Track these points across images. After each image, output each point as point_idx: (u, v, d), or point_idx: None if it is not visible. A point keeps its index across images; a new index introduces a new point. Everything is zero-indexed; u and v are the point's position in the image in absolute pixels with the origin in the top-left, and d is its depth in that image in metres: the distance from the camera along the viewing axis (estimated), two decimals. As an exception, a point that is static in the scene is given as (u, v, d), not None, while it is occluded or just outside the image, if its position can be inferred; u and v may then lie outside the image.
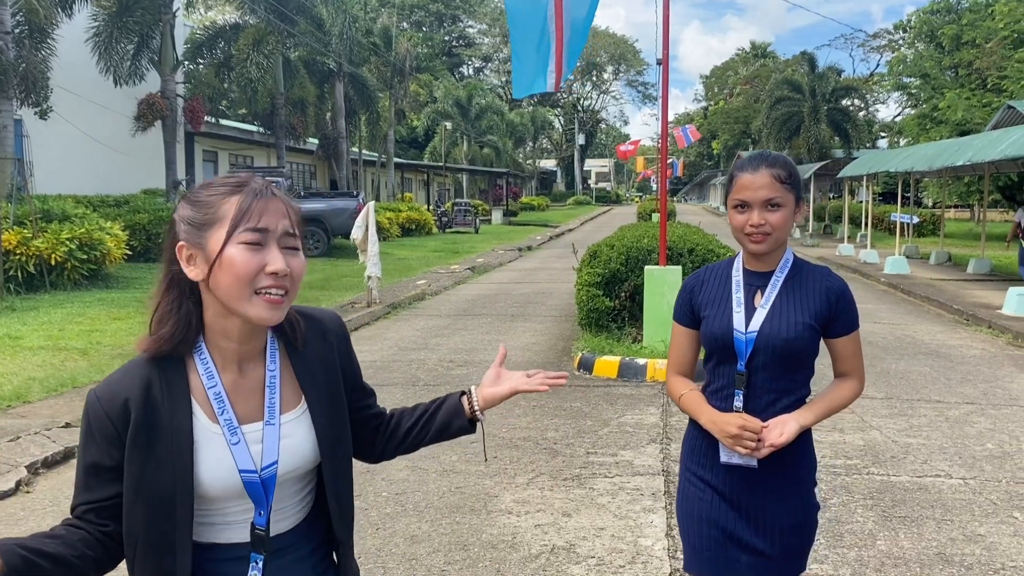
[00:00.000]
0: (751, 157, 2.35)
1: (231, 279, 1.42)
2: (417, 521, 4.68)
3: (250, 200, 1.45)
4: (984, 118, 25.84)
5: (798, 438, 2.25)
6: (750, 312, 2.30)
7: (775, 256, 2.33)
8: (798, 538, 2.31)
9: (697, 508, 2.37)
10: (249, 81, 23.90)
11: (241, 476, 1.47)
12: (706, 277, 2.44)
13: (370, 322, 11.94)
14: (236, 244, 1.42)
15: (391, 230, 28.13)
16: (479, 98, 52.89)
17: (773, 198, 2.24)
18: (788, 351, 2.25)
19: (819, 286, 2.29)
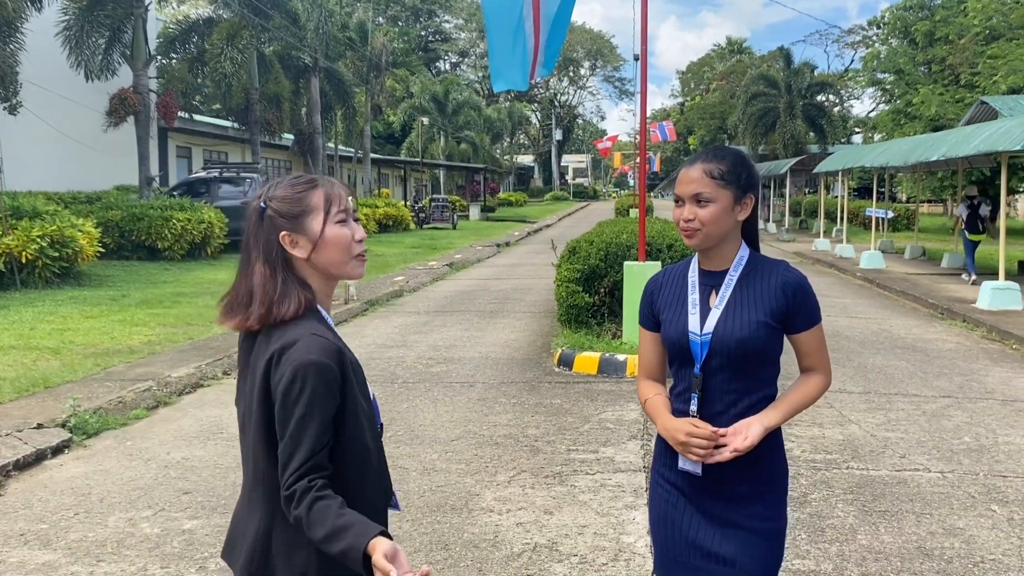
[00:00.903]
0: (697, 153, 2.35)
1: (336, 250, 1.83)
2: (398, 521, 4.63)
3: (331, 190, 1.86)
4: (957, 114, 26.09)
5: (766, 443, 2.21)
6: (705, 313, 2.26)
7: (727, 254, 2.29)
8: (769, 543, 2.24)
9: (663, 510, 2.34)
10: (223, 76, 23.62)
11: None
12: (664, 280, 2.41)
13: (348, 319, 11.85)
14: (332, 224, 1.83)
15: (368, 226, 27.97)
16: (456, 93, 52.75)
17: (701, 193, 2.22)
18: (744, 351, 2.20)
19: (775, 282, 2.23)
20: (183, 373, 8.04)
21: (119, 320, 10.97)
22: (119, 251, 17.73)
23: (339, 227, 1.84)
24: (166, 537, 4.43)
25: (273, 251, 1.82)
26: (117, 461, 5.73)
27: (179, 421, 6.75)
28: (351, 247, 1.85)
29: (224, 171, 22.37)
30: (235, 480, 5.29)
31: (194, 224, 18.14)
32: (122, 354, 8.87)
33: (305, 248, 1.82)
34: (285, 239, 1.82)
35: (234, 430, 6.47)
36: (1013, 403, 7.27)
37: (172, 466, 5.62)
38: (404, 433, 6.31)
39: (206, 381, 8.06)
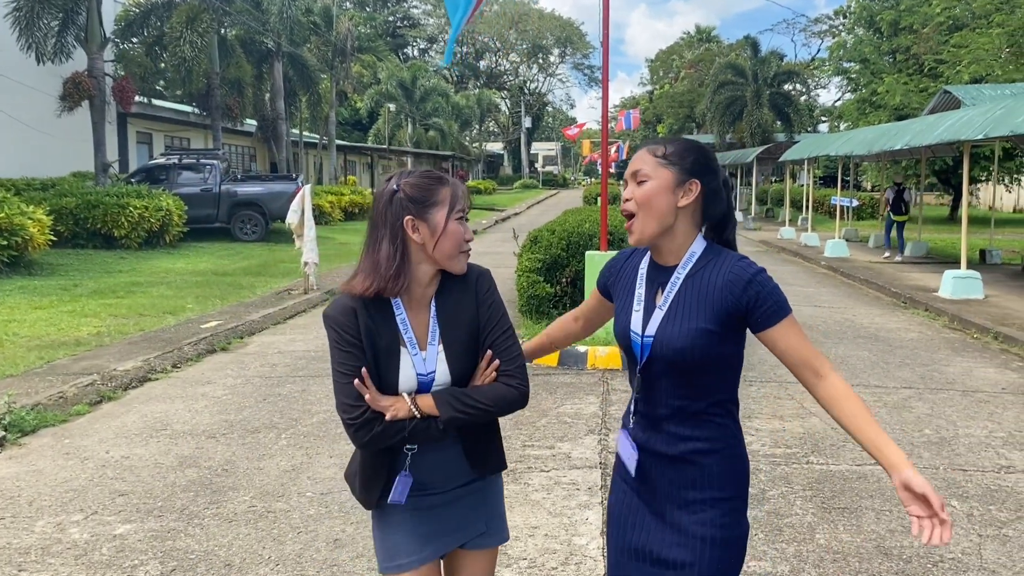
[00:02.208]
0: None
1: (451, 244, 2.07)
2: (341, 523, 4.44)
3: (456, 190, 2.11)
4: (921, 103, 26.25)
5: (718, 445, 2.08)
6: (649, 312, 2.10)
7: (677, 249, 2.12)
8: (723, 551, 2.07)
9: (619, 512, 2.22)
10: (183, 60, 23.09)
11: (418, 378, 2.11)
12: (623, 266, 2.28)
13: (306, 309, 11.59)
14: (453, 220, 2.08)
15: (333, 214, 27.60)
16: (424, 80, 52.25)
17: (639, 171, 2.10)
18: (683, 361, 2.02)
19: (720, 280, 2.03)
20: (130, 366, 7.77)
21: (68, 311, 10.63)
22: (73, 239, 17.25)
23: (457, 223, 2.08)
24: (95, 543, 4.20)
25: (398, 234, 2.07)
26: (52, 461, 5.48)
27: (122, 417, 6.50)
28: (461, 243, 2.09)
29: (184, 157, 21.88)
30: (175, 480, 5.08)
31: (152, 212, 17.70)
32: (68, 346, 8.56)
33: (424, 235, 2.06)
34: (409, 223, 2.06)
35: (179, 427, 6.26)
36: (973, 394, 7.23)
37: (110, 465, 5.38)
38: (355, 429, 6.11)
39: (154, 375, 7.80)
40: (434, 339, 2.14)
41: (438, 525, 2.22)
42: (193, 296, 12.04)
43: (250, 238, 20.97)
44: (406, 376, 2.10)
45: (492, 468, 2.27)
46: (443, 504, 2.23)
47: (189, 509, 4.64)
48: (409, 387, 2.10)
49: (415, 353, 2.11)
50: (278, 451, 5.64)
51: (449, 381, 2.14)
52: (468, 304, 2.18)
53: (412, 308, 2.15)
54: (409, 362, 2.11)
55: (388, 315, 2.11)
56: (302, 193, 12.50)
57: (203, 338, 9.04)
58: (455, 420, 2.09)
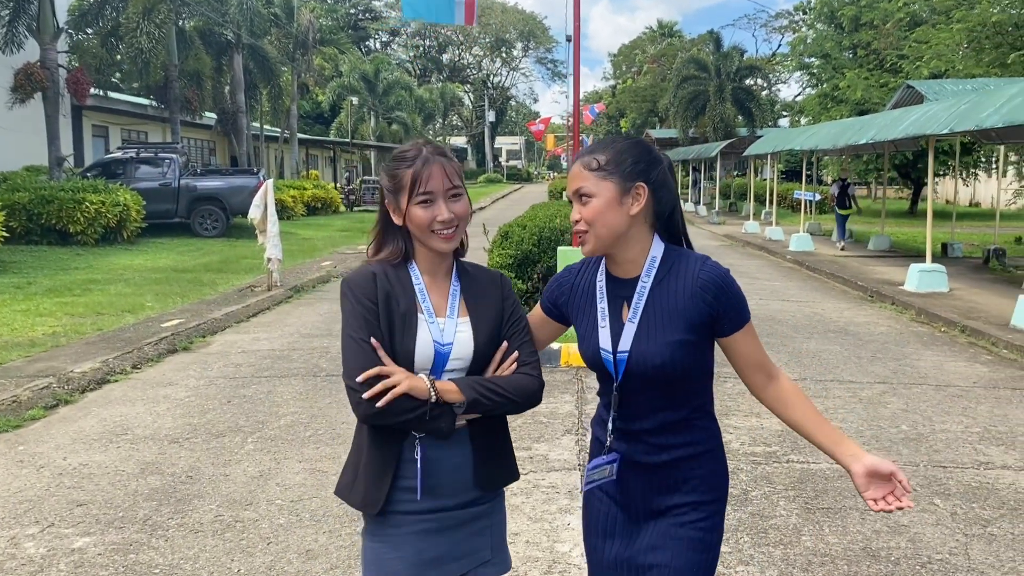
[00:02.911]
0: (586, 147, 2.10)
1: (416, 227, 2.05)
2: (314, 533, 4.26)
3: (419, 171, 2.02)
4: (882, 97, 26.53)
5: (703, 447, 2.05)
6: (617, 328, 2.01)
7: (634, 257, 2.02)
8: (700, 555, 2.03)
9: (597, 523, 2.15)
10: (140, 52, 22.57)
11: (434, 345, 2.03)
12: (576, 281, 2.15)
13: (270, 307, 11.33)
14: (415, 204, 2.02)
15: (295, 209, 27.17)
16: (387, 73, 51.72)
17: (580, 188, 2.01)
18: (663, 375, 1.97)
19: (692, 287, 1.97)
20: (88, 368, 7.48)
21: (22, 310, 10.27)
22: (27, 236, 16.74)
23: (419, 208, 2.02)
24: (52, 558, 3.98)
25: (383, 212, 2.13)
26: (5, 469, 5.22)
27: (80, 422, 6.24)
28: (429, 226, 2.02)
29: (142, 151, 21.37)
30: (136, 488, 4.86)
31: (109, 207, 17.23)
32: (22, 347, 8.24)
33: (399, 218, 2.08)
34: (389, 206, 2.11)
35: (139, 431, 6.02)
36: (946, 388, 7.23)
37: (67, 474, 5.14)
38: (325, 432, 5.92)
39: (113, 376, 7.52)
40: (453, 312, 2.09)
41: (443, 550, 2.06)
42: (153, 294, 11.71)
43: (210, 234, 20.55)
44: (423, 343, 2.03)
45: (503, 478, 2.15)
46: (448, 527, 2.07)
47: (152, 519, 4.43)
48: (426, 355, 2.02)
49: (432, 321, 2.05)
50: (244, 456, 5.43)
51: (470, 355, 2.06)
52: (494, 294, 2.16)
53: (429, 277, 2.12)
54: (426, 329, 2.04)
55: (407, 282, 2.10)
56: (265, 188, 12.23)
57: (164, 337, 8.76)
58: (477, 404, 2.00)
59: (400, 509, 2.02)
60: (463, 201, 2.08)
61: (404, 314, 2.04)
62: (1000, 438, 5.84)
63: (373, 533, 2.08)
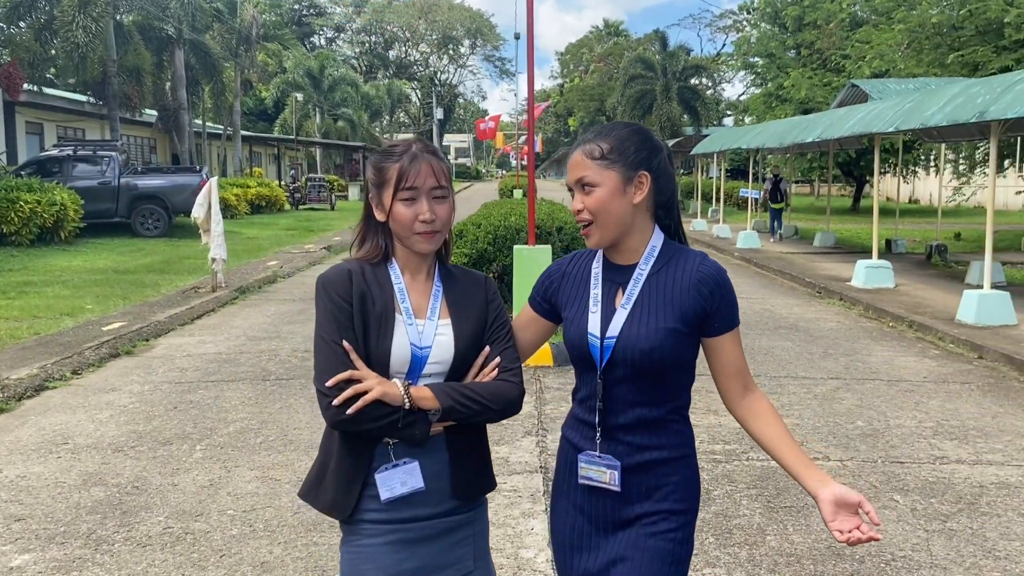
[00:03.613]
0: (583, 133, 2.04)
1: (397, 225, 1.97)
2: (268, 544, 4.10)
3: (406, 167, 1.95)
4: (825, 96, 27.03)
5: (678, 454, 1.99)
6: (608, 314, 1.95)
7: (636, 245, 1.98)
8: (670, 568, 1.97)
9: (566, 536, 2.08)
10: (76, 46, 21.90)
11: (411, 348, 1.95)
12: (567, 270, 2.10)
13: (215, 309, 11.03)
14: (398, 201, 1.95)
15: (239, 207, 26.64)
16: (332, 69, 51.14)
17: (583, 177, 1.95)
18: (651, 362, 1.91)
19: (689, 278, 1.94)
20: (24, 374, 7.17)
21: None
22: (-42, 236, 16.09)
23: (402, 205, 1.95)
24: (-12, 579, 3.76)
25: (366, 208, 2.06)
26: (-64, 484, 4.94)
27: (17, 431, 5.95)
28: (411, 225, 1.95)
29: (79, 149, 20.70)
30: (79, 501, 4.63)
31: (45, 206, 16.64)
32: (-48, 354, 7.87)
33: (382, 214, 2.01)
34: (373, 201, 2.03)
35: (81, 440, 5.76)
36: (898, 383, 7.32)
37: (4, 487, 4.88)
38: (276, 438, 5.74)
39: (52, 383, 7.21)
40: (434, 313, 2.01)
41: (424, 561, 1.96)
42: (92, 296, 11.32)
43: (152, 233, 20.01)
44: (399, 345, 1.94)
45: (480, 487, 2.07)
46: (427, 537, 1.97)
47: (97, 533, 4.22)
48: (402, 358, 1.94)
49: (410, 322, 1.97)
50: (193, 464, 5.23)
51: (450, 359, 1.98)
52: (478, 296, 2.08)
53: (410, 276, 2.05)
54: (404, 331, 1.96)
55: (386, 281, 2.02)
56: (208, 186, 11.91)
57: (105, 341, 8.45)
58: (453, 411, 1.91)
59: (372, 518, 1.95)
60: (447, 203, 2.01)
61: (380, 314, 1.96)
62: (953, 432, 5.91)
63: (349, 543, 1.98)
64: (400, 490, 1.91)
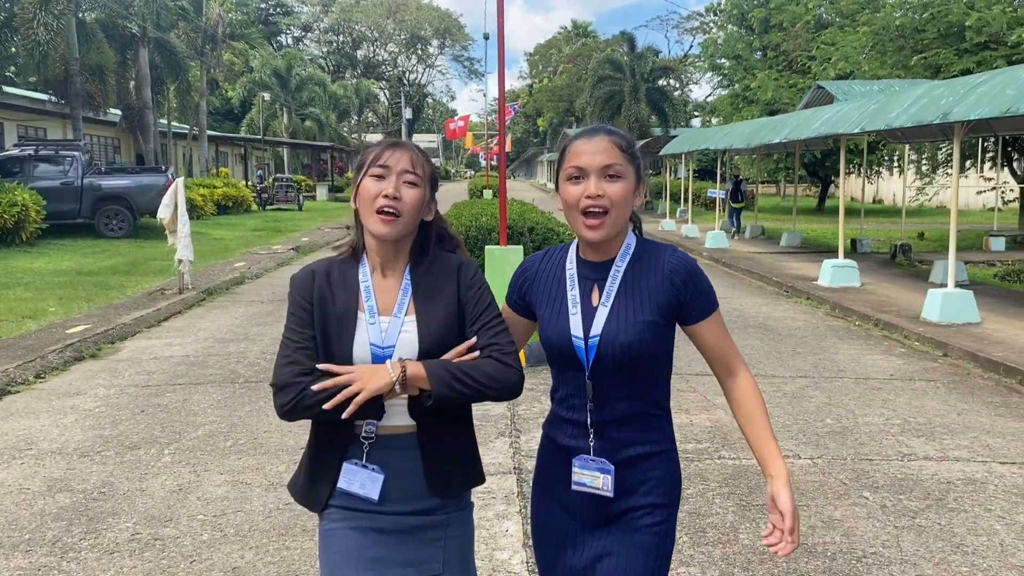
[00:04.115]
0: (589, 128, 2.02)
1: (361, 201, 1.96)
2: (240, 549, 4.05)
3: (383, 149, 1.98)
4: (791, 98, 27.31)
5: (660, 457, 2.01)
6: (588, 313, 1.96)
7: (616, 243, 1.99)
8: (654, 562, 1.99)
9: (547, 530, 2.09)
10: (37, 44, 21.52)
11: (371, 347, 1.94)
12: (540, 266, 2.09)
13: (182, 311, 10.88)
14: (368, 176, 1.96)
15: (205, 208, 26.33)
16: (299, 68, 50.75)
17: (613, 164, 1.93)
18: (631, 356, 1.93)
19: (662, 271, 1.98)
20: (-15, 379, 7.02)
21: None
22: (-86, 238, 15.74)
23: (370, 179, 1.95)
24: (-50, 589, 3.67)
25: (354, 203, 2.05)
26: None
27: (-22, 437, 5.82)
28: (374, 201, 1.93)
29: (41, 148, 20.33)
30: (44, 507, 4.54)
31: (5, 207, 16.31)
32: (-90, 358, 7.69)
33: (355, 201, 2.01)
34: (353, 191, 2.01)
35: (45, 445, 5.65)
36: (865, 381, 7.41)
37: (-35, 494, 4.77)
38: (246, 442, 5.67)
39: (14, 387, 7.07)
40: (400, 310, 1.99)
41: (385, 553, 1.96)
42: (55, 298, 11.12)
43: (116, 234, 19.71)
44: (360, 345, 1.94)
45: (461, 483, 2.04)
46: (395, 530, 1.96)
47: (63, 541, 4.13)
48: (364, 358, 1.94)
49: (372, 321, 1.96)
50: (161, 469, 5.14)
51: (415, 356, 1.94)
52: (448, 286, 2.03)
53: (380, 275, 2.04)
54: (365, 331, 1.96)
55: (351, 279, 2.02)
56: (175, 186, 11.74)
57: (69, 344, 8.31)
58: (444, 399, 1.89)
59: (339, 503, 1.98)
60: (417, 191, 1.98)
61: (341, 315, 1.97)
62: (920, 429, 6.00)
63: (320, 527, 2.03)
64: (356, 490, 1.93)
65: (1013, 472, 5.14)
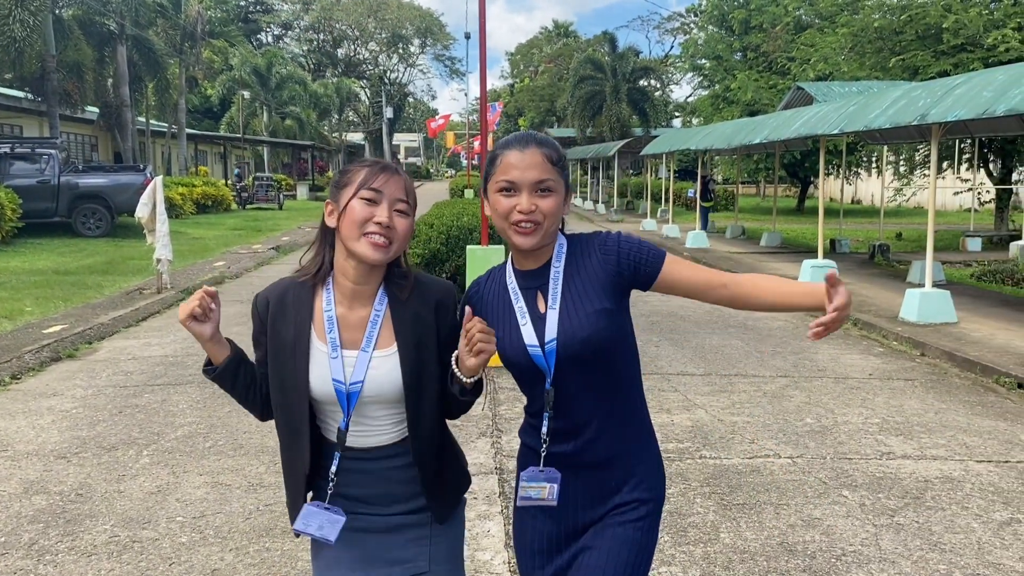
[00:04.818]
0: (518, 136, 2.00)
1: (349, 222, 1.87)
2: (220, 551, 4.02)
3: (375, 172, 1.91)
4: (771, 99, 27.47)
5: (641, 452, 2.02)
6: (538, 320, 1.95)
7: (549, 248, 2.00)
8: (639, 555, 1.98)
9: (530, 537, 2.07)
10: (12, 41, 21.26)
11: (333, 384, 1.89)
12: (484, 289, 2.08)
13: (160, 311, 10.80)
14: (358, 199, 1.88)
15: (184, 207, 26.14)
16: (280, 67, 50.50)
17: (544, 180, 1.92)
18: (592, 350, 1.92)
19: (595, 253, 1.98)
20: (-40, 379, 6.93)
21: None
22: None
23: (361, 203, 1.88)
24: (-76, 593, 3.62)
25: (323, 219, 1.98)
26: None
27: (-48, 438, 5.74)
28: (363, 224, 1.86)
29: (16, 146, 20.10)
30: (19, 510, 4.49)
31: (-20, 205, 16.15)
32: None
33: (334, 218, 1.93)
34: (328, 207, 1.95)
35: (21, 447, 5.58)
36: (845, 381, 7.47)
37: (-61, 497, 4.70)
38: (226, 443, 5.63)
39: (-11, 388, 6.99)
40: (369, 344, 1.91)
41: (369, 551, 1.96)
42: (32, 298, 11.00)
43: (94, 233, 19.52)
44: (320, 379, 1.89)
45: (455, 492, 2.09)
46: (377, 529, 1.96)
47: (39, 543, 4.09)
48: (326, 393, 1.89)
49: (335, 355, 1.89)
50: (140, 471, 5.10)
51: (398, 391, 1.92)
52: (429, 319, 1.98)
53: (345, 304, 1.95)
54: (325, 364, 1.89)
55: (307, 307, 1.95)
56: (153, 185, 11.64)
57: (46, 344, 8.21)
58: None
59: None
60: (407, 221, 1.93)
61: (292, 343, 1.93)
62: (898, 428, 6.05)
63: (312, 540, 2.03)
64: (314, 532, 1.90)
65: (990, 470, 5.19)
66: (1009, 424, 6.21)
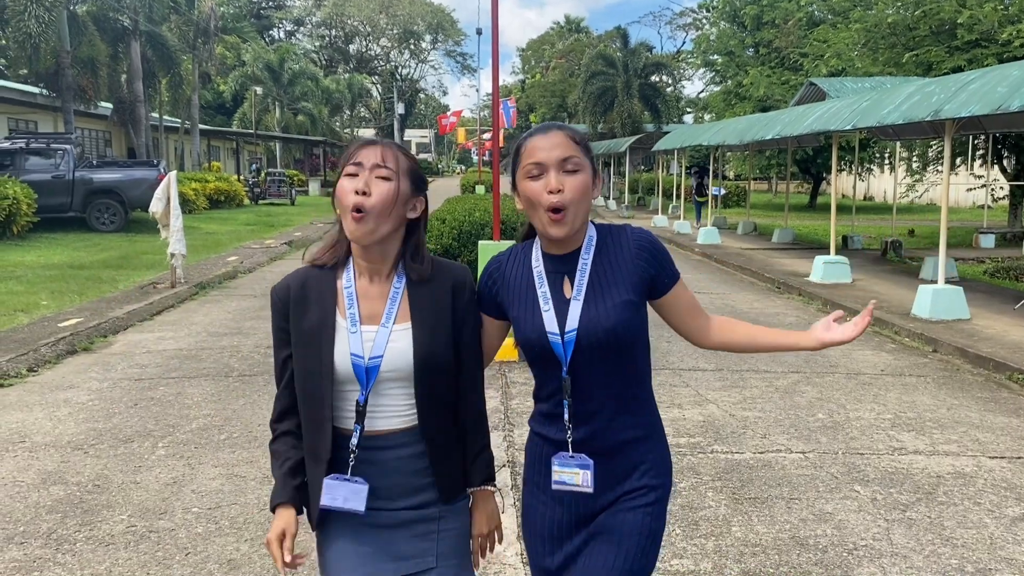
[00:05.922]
0: (539, 125, 2.04)
1: (338, 203, 1.91)
2: (235, 542, 4.06)
3: (358, 147, 1.93)
4: (783, 94, 27.37)
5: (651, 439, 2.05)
6: (562, 307, 1.97)
7: (578, 236, 2.00)
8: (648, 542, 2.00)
9: (539, 523, 2.09)
10: (28, 36, 21.42)
11: (352, 358, 1.89)
12: (507, 266, 2.09)
13: (175, 304, 10.87)
14: (344, 176, 1.90)
15: (197, 202, 26.23)
16: (292, 62, 50.58)
17: (571, 157, 1.94)
18: (615, 340, 1.94)
19: (628, 248, 2.01)
20: (-22, 372, 7.01)
21: None
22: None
23: (345, 179, 1.89)
24: (-55, 580, 3.67)
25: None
26: None
27: (-29, 430, 5.81)
28: (345, 200, 1.87)
29: (32, 141, 20.23)
30: (38, 500, 4.54)
31: (-5, 200, 16.26)
32: (-98, 351, 7.66)
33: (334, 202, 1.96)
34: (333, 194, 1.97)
35: (39, 438, 5.65)
36: (857, 376, 7.46)
37: (-41, 487, 4.77)
38: (241, 435, 5.68)
39: (7, 380, 7.06)
40: (389, 318, 1.93)
41: (377, 547, 1.97)
42: (47, 292, 11.09)
43: (108, 228, 19.63)
44: (341, 355, 1.90)
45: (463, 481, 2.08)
46: (385, 525, 1.97)
47: (57, 533, 4.14)
48: (346, 370, 1.90)
49: (354, 330, 1.91)
50: (156, 462, 5.15)
51: (410, 367, 1.92)
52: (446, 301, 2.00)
53: (367, 280, 1.98)
54: (346, 340, 1.91)
55: (328, 287, 1.97)
56: (167, 180, 11.71)
57: (62, 338, 8.29)
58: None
59: None
60: (389, 185, 1.89)
61: (317, 327, 1.93)
62: (910, 424, 6.05)
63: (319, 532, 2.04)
64: (340, 505, 1.91)
65: (1002, 466, 5.19)
66: (1022, 420, 6.20)
